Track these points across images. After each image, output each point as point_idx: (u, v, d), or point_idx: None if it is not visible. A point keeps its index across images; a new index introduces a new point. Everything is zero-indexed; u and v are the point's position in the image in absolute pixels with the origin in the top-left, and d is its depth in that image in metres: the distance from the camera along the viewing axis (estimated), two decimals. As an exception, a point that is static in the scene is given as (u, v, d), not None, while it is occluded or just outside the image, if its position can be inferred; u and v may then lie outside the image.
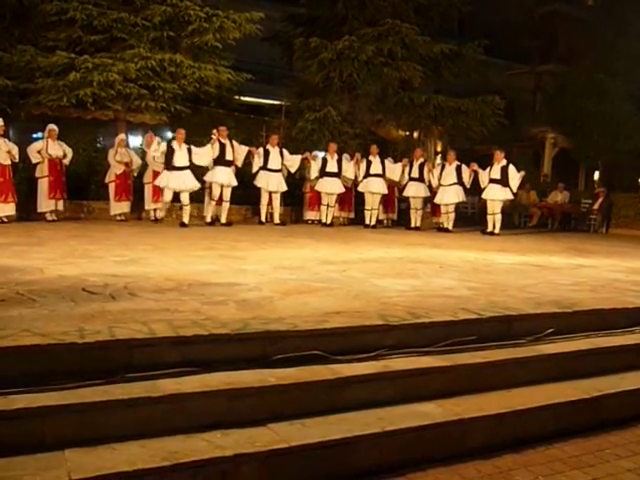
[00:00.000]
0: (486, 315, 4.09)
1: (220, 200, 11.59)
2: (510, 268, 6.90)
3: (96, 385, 2.84)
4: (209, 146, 11.35)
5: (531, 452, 3.29)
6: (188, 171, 11.11)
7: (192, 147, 11.26)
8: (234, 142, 11.85)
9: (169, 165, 11.00)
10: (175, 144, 11.11)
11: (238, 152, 11.82)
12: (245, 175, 12.37)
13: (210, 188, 11.62)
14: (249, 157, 12.16)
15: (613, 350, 4.21)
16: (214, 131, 11.52)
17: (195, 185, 11.22)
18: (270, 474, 2.74)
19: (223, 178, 11.44)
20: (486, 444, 3.26)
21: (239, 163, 11.97)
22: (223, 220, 11.64)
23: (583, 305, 4.66)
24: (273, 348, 3.33)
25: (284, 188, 12.39)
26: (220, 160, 11.43)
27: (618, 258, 8.84)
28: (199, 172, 11.52)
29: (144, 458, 2.57)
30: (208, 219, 11.57)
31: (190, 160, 11.12)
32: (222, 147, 11.43)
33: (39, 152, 10.82)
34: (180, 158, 11.01)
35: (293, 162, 12.54)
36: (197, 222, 11.71)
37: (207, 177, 11.55)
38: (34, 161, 10.85)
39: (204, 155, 11.29)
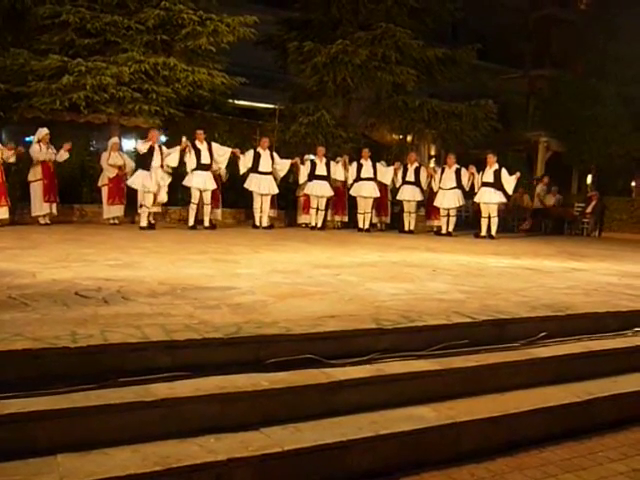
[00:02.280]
0: (479, 319, 4.10)
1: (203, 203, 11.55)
2: (503, 272, 6.92)
3: (89, 390, 2.83)
4: (177, 148, 11.30)
5: (524, 455, 3.30)
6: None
7: (163, 147, 11.27)
8: (214, 144, 11.78)
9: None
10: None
11: (219, 154, 11.74)
12: (237, 179, 12.35)
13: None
14: (235, 159, 12.12)
15: (605, 353, 4.22)
16: (184, 139, 11.49)
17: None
18: (263, 478, 2.73)
19: (199, 182, 11.39)
20: (480, 447, 3.26)
21: (222, 165, 11.90)
22: (206, 223, 11.55)
23: (576, 308, 4.67)
24: (266, 352, 3.33)
25: (275, 191, 12.35)
26: (197, 164, 11.38)
27: (611, 261, 8.88)
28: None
29: (136, 463, 2.55)
30: (190, 222, 11.50)
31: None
32: (197, 152, 11.39)
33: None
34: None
35: (282, 166, 12.51)
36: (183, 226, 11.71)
37: (185, 182, 11.50)
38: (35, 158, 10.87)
39: (172, 153, 11.26)
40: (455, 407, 3.38)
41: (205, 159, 11.48)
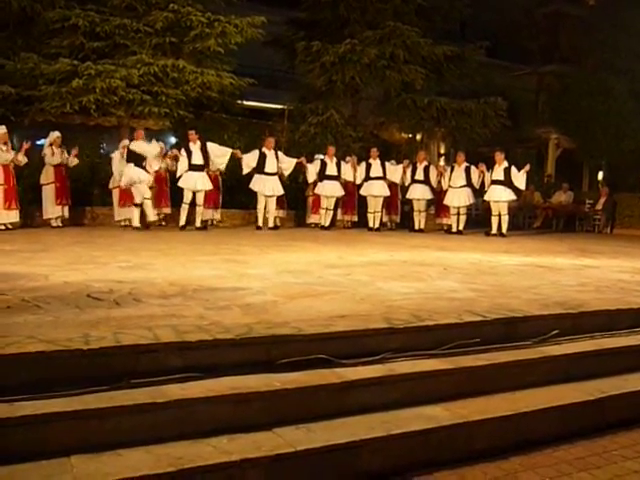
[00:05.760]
0: (491, 317, 4.08)
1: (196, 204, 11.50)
2: (514, 269, 6.89)
3: (101, 391, 2.84)
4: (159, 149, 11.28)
5: (537, 454, 3.28)
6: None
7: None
8: (210, 144, 11.66)
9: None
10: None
11: (216, 154, 11.66)
12: (245, 180, 12.36)
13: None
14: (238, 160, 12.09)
15: (618, 351, 4.19)
16: (174, 151, 11.57)
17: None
18: (276, 479, 2.74)
19: (191, 183, 11.33)
20: (492, 446, 3.25)
21: (222, 167, 11.85)
22: (197, 224, 11.46)
23: (588, 306, 4.64)
24: (278, 352, 3.33)
25: (280, 192, 12.22)
26: (188, 165, 11.32)
27: (623, 258, 8.82)
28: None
29: (149, 464, 2.57)
30: (181, 223, 11.38)
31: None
32: (189, 153, 11.35)
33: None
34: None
35: (288, 165, 12.39)
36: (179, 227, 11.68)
37: (179, 183, 11.43)
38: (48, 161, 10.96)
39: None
40: (467, 406, 3.37)
41: (197, 159, 11.38)
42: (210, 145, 11.64)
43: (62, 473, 2.49)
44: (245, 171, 12.08)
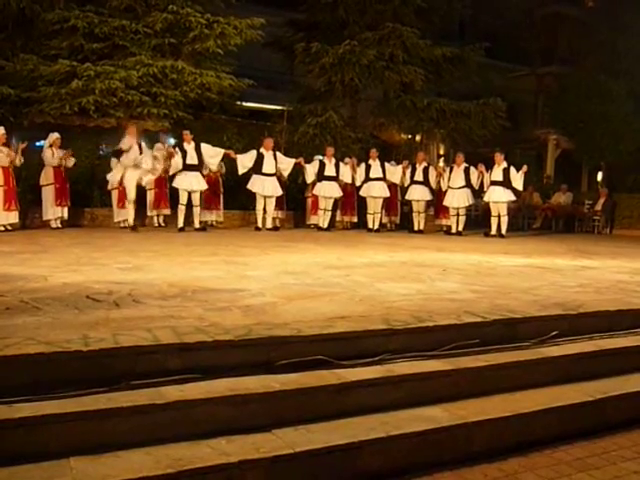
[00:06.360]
0: (490, 318, 4.08)
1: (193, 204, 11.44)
2: (514, 270, 6.89)
3: (100, 393, 2.84)
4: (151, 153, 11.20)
5: (537, 455, 3.28)
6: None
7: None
8: (203, 145, 11.58)
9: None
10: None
11: (209, 155, 11.59)
12: (245, 181, 12.34)
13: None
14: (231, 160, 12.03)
15: (618, 352, 4.19)
16: (170, 149, 11.50)
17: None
18: (275, 480, 2.74)
19: (185, 183, 11.28)
20: (492, 447, 3.25)
21: (213, 167, 11.79)
22: (196, 225, 11.43)
23: (588, 307, 4.64)
24: (277, 354, 3.33)
25: (279, 192, 12.18)
26: (183, 165, 11.26)
27: (622, 259, 8.82)
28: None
29: (149, 465, 2.56)
30: (179, 224, 11.30)
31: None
32: (184, 153, 11.29)
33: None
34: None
35: (287, 165, 12.35)
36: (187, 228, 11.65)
37: (174, 183, 11.39)
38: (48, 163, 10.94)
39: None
40: (466, 407, 3.37)
41: (191, 159, 11.31)
42: (204, 146, 11.59)
43: (62, 475, 2.48)
44: (241, 171, 12.00)
